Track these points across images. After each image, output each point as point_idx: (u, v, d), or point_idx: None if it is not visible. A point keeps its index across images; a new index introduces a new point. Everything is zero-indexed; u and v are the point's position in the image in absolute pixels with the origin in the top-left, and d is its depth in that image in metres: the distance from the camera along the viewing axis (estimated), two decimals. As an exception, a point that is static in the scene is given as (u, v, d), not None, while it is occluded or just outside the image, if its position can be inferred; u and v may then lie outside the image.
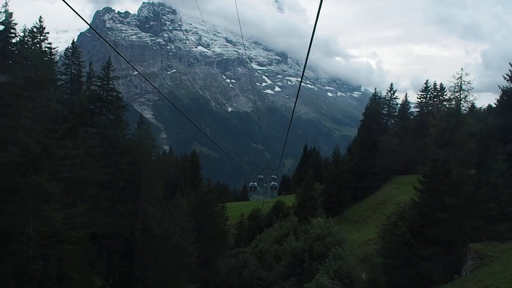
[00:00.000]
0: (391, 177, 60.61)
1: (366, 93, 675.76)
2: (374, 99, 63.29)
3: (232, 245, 67.79)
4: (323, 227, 36.16)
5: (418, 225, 21.78)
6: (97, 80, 34.36)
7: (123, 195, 33.37)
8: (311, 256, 34.97)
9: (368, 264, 34.96)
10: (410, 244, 21.66)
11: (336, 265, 26.41)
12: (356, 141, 64.57)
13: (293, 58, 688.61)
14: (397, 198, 51.23)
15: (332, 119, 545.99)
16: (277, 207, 68.05)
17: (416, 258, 21.10)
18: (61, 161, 19.23)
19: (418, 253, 20.99)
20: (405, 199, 24.35)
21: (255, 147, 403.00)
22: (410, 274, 21.46)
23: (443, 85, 64.22)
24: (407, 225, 22.26)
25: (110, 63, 34.03)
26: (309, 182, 57.46)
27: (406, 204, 23.86)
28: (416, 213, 22.11)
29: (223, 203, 67.51)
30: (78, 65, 33.34)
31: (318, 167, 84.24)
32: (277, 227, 57.83)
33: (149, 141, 37.90)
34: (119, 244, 33.47)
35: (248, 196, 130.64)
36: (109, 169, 31.95)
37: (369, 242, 39.41)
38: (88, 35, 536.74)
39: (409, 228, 22.05)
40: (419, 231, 21.64)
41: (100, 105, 33.88)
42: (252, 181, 44.22)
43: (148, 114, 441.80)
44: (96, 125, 33.79)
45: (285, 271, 38.31)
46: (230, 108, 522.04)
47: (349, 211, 56.01)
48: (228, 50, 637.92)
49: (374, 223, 47.54)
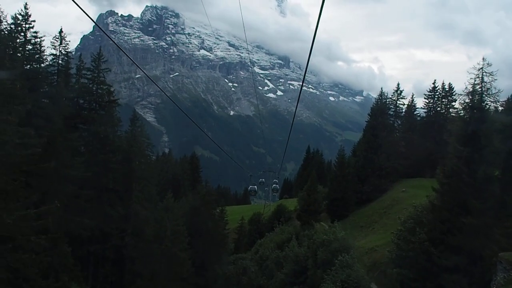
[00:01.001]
0: (398, 180, 58.15)
1: (368, 97, 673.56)
2: (380, 99, 60.74)
3: (232, 250, 65.27)
4: (328, 232, 33.66)
5: (438, 231, 19.16)
6: (87, 72, 31.94)
7: (112, 196, 30.95)
8: (315, 264, 32.44)
9: (376, 273, 32.45)
10: (430, 252, 19.00)
11: (344, 275, 23.87)
12: (361, 142, 62.03)
13: (295, 62, 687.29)
14: (406, 202, 49.22)
15: (334, 123, 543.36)
16: (279, 211, 65.53)
17: (437, 269, 18.52)
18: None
19: (439, 263, 18.36)
20: (422, 202, 21.71)
21: (257, 151, 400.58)
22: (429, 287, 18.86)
23: (452, 85, 62.02)
24: (426, 231, 19.60)
25: (101, 54, 31.68)
26: (312, 185, 54.85)
27: (424, 207, 21.17)
28: (436, 217, 19.47)
29: (223, 207, 65.11)
30: (66, 56, 30.98)
31: (321, 169, 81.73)
32: (278, 231, 55.19)
33: (143, 139, 35.44)
34: (108, 250, 30.98)
35: (249, 200, 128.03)
36: (98, 168, 29.57)
37: (377, 249, 36.91)
38: (91, 38, 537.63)
39: (428, 234, 19.39)
40: (440, 238, 19.03)
41: (90, 99, 31.50)
42: (251, 184, 40.33)
43: (150, 117, 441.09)
44: (85, 121, 31.42)
45: (287, 279, 35.69)
46: (232, 111, 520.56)
47: (354, 215, 53.51)
48: (230, 54, 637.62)
49: (382, 229, 45.08)
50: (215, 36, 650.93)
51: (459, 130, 20.66)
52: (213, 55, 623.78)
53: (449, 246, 18.44)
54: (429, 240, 19.13)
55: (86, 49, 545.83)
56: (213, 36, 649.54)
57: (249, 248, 62.48)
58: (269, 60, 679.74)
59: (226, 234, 59.27)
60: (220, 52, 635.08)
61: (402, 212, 25.86)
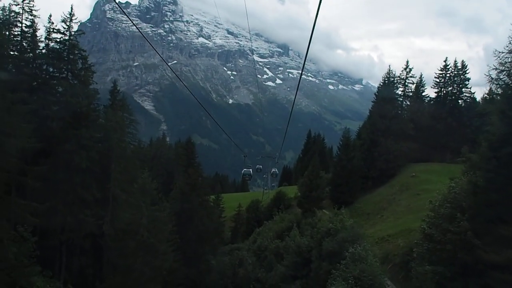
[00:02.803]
0: (406, 164, 54.13)
1: (367, 86, 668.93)
2: (387, 77, 56.20)
3: (229, 239, 61.73)
4: (334, 220, 29.69)
5: (483, 219, 15.03)
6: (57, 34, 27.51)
7: (87, 178, 26.82)
8: (320, 255, 28.54)
9: (389, 266, 28.51)
10: (472, 245, 14.92)
11: (357, 270, 19.91)
12: (367, 124, 57.73)
13: (294, 50, 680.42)
14: (416, 188, 45.28)
15: (333, 112, 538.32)
16: (278, 198, 61.80)
17: (482, 265, 14.48)
18: None
19: (485, 258, 14.26)
20: (460, 182, 17.29)
21: (256, 139, 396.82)
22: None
23: (465, 63, 57.60)
24: (467, 218, 15.36)
25: (72, 14, 27.26)
26: (314, 170, 50.84)
27: (462, 188, 16.68)
28: (480, 200, 15.23)
29: (219, 193, 61.44)
30: (31, 15, 26.50)
31: (323, 155, 77.56)
32: (278, 220, 51.38)
33: (124, 114, 31.20)
34: (82, 239, 26.98)
35: (247, 188, 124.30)
36: (68, 145, 25.44)
37: (388, 239, 32.96)
38: (89, 25, 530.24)
39: (470, 222, 15.17)
40: (486, 227, 14.85)
41: (61, 65, 27.17)
42: (246, 167, 34.02)
43: (149, 105, 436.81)
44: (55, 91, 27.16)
45: (288, 273, 31.80)
46: (231, 100, 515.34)
47: (360, 202, 49.59)
48: (229, 42, 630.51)
49: (392, 216, 41.12)
50: (214, 24, 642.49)
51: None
52: (211, 43, 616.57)
53: (499, 236, 14.28)
54: (471, 230, 14.90)
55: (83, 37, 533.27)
56: (212, 23, 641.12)
57: (247, 237, 59.15)
58: (268, 48, 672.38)
59: (222, 222, 55.60)
60: (219, 40, 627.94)
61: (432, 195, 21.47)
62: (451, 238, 15.32)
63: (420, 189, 43.55)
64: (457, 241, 15.16)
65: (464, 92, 57.24)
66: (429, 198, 38.65)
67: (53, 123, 26.34)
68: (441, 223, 16.36)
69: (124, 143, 29.07)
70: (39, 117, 25.35)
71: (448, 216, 16.16)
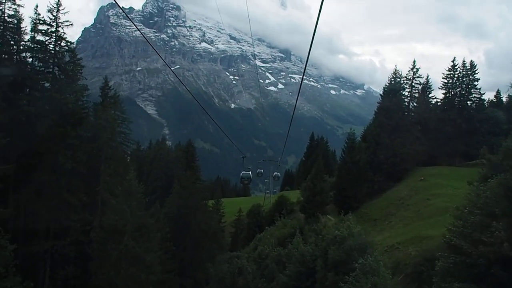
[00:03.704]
0: (413, 168, 51.92)
1: (369, 91, 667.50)
2: (394, 77, 54.12)
3: (229, 245, 59.50)
4: (340, 227, 27.47)
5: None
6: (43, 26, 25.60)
7: (74, 180, 24.81)
8: (325, 265, 26.29)
9: (400, 277, 26.32)
10: (509, 259, 12.58)
11: (369, 284, 17.75)
12: (372, 126, 55.49)
13: (296, 55, 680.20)
14: (426, 193, 43.01)
15: (335, 117, 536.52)
16: (280, 203, 59.48)
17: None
18: None
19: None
20: (489, 185, 14.86)
21: (258, 144, 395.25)
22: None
23: (474, 63, 55.60)
24: (503, 227, 12.99)
25: (59, 4, 25.36)
26: (318, 173, 48.64)
27: (492, 192, 14.27)
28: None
29: (218, 198, 59.48)
30: (15, 4, 24.59)
31: (327, 158, 75.37)
32: (280, 225, 49.14)
33: (116, 112, 29.20)
34: (68, 247, 24.90)
35: (249, 192, 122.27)
36: (53, 144, 23.47)
37: (398, 247, 30.75)
38: (92, 30, 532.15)
39: (507, 232, 12.79)
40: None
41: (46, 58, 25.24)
42: (245, 170, 31.31)
43: (151, 110, 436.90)
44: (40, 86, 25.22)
45: (291, 283, 29.52)
46: (233, 104, 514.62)
47: (366, 207, 47.34)
48: (231, 47, 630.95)
49: (400, 222, 38.86)
50: (217, 29, 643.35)
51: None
52: (214, 48, 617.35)
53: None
54: (508, 241, 12.55)
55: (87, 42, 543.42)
56: (215, 29, 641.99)
57: (247, 243, 56.84)
58: (270, 53, 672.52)
59: (221, 227, 53.51)
60: (221, 45, 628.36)
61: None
62: (484, 250, 13.03)
63: (430, 194, 41.41)
64: (491, 254, 12.88)
65: (474, 93, 55.13)
66: (438, 202, 36.20)
67: (37, 121, 24.36)
68: (470, 233, 14.09)
69: (114, 143, 27.05)
70: (22, 114, 23.44)
71: (479, 225, 13.90)
